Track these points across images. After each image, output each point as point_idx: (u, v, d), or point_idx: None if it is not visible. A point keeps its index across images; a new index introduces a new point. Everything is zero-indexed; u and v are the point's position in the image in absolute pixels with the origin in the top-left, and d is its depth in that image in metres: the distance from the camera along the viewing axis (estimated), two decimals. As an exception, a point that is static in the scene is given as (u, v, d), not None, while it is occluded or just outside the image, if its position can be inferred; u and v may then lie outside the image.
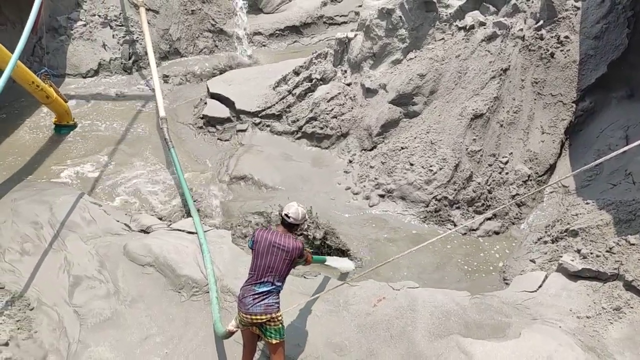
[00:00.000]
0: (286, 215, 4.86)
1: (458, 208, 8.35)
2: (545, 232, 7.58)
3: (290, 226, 4.89)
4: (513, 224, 8.28)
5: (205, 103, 11.00)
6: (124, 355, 5.63)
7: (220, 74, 12.45)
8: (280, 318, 4.78)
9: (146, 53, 12.18)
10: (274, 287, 4.75)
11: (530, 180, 8.64)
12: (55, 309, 6.11)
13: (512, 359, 5.07)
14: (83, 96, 12.00)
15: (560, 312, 5.79)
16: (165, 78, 12.74)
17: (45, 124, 10.84)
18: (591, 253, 6.12)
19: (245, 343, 5.00)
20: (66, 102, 10.60)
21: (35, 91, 9.56)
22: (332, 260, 6.82)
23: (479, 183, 8.46)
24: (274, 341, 4.78)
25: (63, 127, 10.64)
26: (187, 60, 13.75)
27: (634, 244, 5.87)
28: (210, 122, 10.65)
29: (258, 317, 4.69)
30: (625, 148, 3.78)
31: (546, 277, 6.38)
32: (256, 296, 4.71)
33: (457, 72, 9.00)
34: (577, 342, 5.32)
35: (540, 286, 6.27)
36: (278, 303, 4.78)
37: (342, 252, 7.57)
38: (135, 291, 6.36)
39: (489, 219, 8.20)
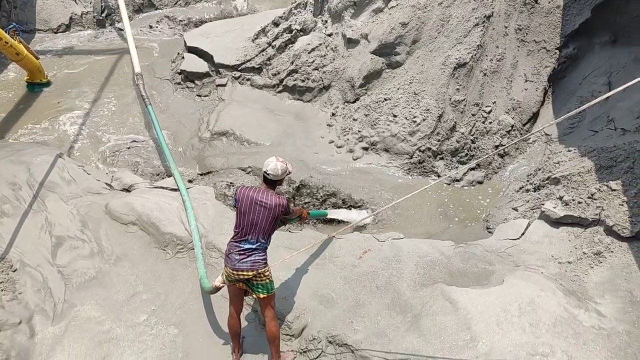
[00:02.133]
0: (265, 172, 4.79)
1: (442, 159, 8.34)
2: (528, 180, 7.64)
3: (271, 182, 4.82)
4: (496, 173, 8.33)
5: (183, 57, 10.69)
6: (111, 313, 5.63)
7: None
8: (267, 273, 4.78)
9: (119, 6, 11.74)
10: (259, 243, 4.72)
11: (514, 130, 8.64)
12: (39, 270, 6.05)
13: (496, 305, 5.17)
14: (55, 52, 11.61)
15: (542, 259, 5.89)
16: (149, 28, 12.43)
17: (16, 82, 10.48)
18: (573, 200, 6.19)
19: (232, 299, 5.01)
20: (38, 58, 10.23)
21: (4, 48, 9.18)
22: (336, 213, 6.59)
23: (462, 133, 8.43)
24: (262, 296, 4.80)
25: (36, 85, 10.31)
26: (163, 13, 13.28)
27: (615, 190, 5.94)
28: (189, 77, 10.38)
29: (244, 273, 4.69)
30: (608, 94, 3.74)
31: (529, 224, 6.46)
32: (241, 252, 4.69)
33: (440, 20, 8.81)
34: (558, 286, 5.44)
35: (522, 234, 6.35)
36: (264, 259, 4.77)
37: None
38: (120, 250, 6.32)
39: (473, 169, 8.23)
